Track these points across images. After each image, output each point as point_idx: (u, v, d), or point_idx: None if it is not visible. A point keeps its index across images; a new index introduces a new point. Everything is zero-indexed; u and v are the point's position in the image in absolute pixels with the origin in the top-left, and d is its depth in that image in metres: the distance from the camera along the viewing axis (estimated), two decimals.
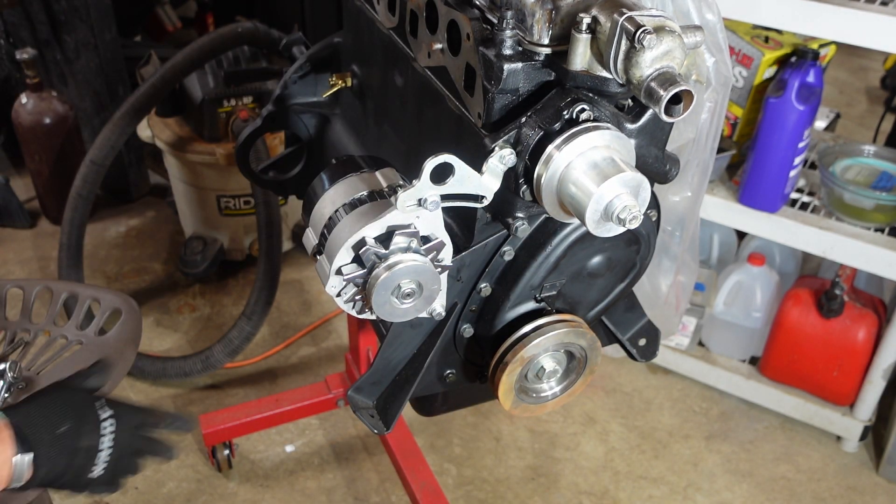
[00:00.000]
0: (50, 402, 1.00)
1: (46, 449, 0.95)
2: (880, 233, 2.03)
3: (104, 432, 1.01)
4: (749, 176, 2.07)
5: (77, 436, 0.98)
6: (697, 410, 2.42)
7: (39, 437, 0.95)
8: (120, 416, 1.04)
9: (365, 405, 1.11)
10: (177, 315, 2.69)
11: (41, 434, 0.95)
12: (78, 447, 0.98)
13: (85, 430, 1.00)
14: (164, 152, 2.67)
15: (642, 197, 0.87)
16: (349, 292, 0.96)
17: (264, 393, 2.42)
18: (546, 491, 2.17)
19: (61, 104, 2.84)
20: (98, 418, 1.01)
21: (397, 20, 1.15)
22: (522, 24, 0.92)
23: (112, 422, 1.02)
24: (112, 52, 2.85)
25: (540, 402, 1.12)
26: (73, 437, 0.98)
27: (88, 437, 1.00)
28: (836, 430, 2.30)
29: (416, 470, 1.96)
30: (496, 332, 1.07)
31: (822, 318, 2.20)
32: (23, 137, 2.89)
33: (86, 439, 0.99)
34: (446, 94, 1.05)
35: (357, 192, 0.98)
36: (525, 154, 0.91)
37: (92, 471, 1.01)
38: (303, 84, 1.48)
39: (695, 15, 1.35)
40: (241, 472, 2.19)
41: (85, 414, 1.01)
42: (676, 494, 2.18)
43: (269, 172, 1.59)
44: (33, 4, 2.81)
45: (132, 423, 1.05)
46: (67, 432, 0.97)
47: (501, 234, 1.01)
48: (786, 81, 1.94)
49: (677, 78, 0.83)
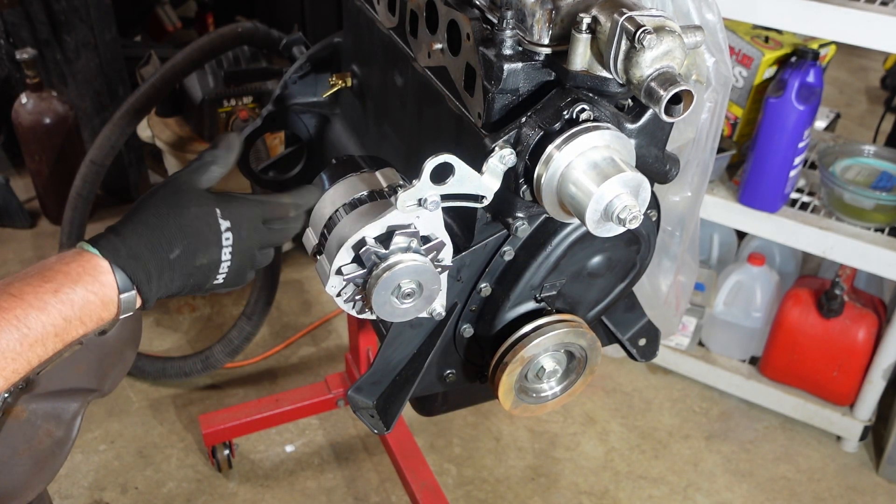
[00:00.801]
0: (155, 222, 0.87)
1: (156, 280, 0.87)
2: (880, 233, 2.03)
3: (224, 244, 0.91)
4: (749, 176, 2.07)
5: (192, 256, 0.89)
6: (697, 410, 2.42)
7: (146, 270, 0.86)
8: (239, 225, 0.92)
9: (365, 405, 1.11)
10: (177, 315, 2.69)
11: (148, 266, 0.86)
12: (195, 266, 0.90)
13: (200, 248, 0.89)
14: (164, 152, 2.68)
15: (642, 197, 0.87)
16: (349, 292, 0.96)
17: (264, 393, 2.42)
18: (546, 491, 2.17)
19: (61, 104, 2.84)
20: (219, 231, 0.90)
21: (397, 20, 1.15)
22: (522, 24, 0.92)
23: (230, 235, 0.91)
24: (112, 52, 2.85)
25: (540, 402, 1.12)
26: (187, 259, 0.88)
27: (206, 254, 0.90)
28: (836, 430, 2.30)
29: (416, 470, 1.96)
30: (496, 332, 1.07)
31: (822, 318, 2.20)
32: (23, 137, 2.89)
33: (203, 256, 0.90)
34: (446, 94, 1.05)
35: (357, 192, 0.98)
36: (525, 154, 0.91)
37: (215, 279, 0.93)
38: (303, 84, 1.48)
39: (695, 15, 1.35)
40: (241, 472, 2.18)
41: (200, 231, 0.89)
42: (676, 494, 2.18)
43: (269, 172, 1.59)
44: (33, 4, 2.81)
45: (253, 226, 0.94)
46: (179, 256, 0.88)
47: (501, 234, 1.01)
48: (786, 81, 1.94)
49: (677, 78, 0.83)
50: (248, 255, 0.95)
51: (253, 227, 0.94)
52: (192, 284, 0.91)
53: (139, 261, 0.86)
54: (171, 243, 0.87)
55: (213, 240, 0.90)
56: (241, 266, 0.94)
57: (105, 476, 2.16)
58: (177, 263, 0.88)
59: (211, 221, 0.90)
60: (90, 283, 0.83)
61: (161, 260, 0.87)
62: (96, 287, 0.83)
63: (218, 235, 0.91)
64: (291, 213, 0.99)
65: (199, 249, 0.89)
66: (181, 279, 0.89)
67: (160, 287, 0.88)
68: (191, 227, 0.89)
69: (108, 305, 0.85)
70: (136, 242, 0.86)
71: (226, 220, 0.91)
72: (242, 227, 0.93)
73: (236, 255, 0.93)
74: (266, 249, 0.98)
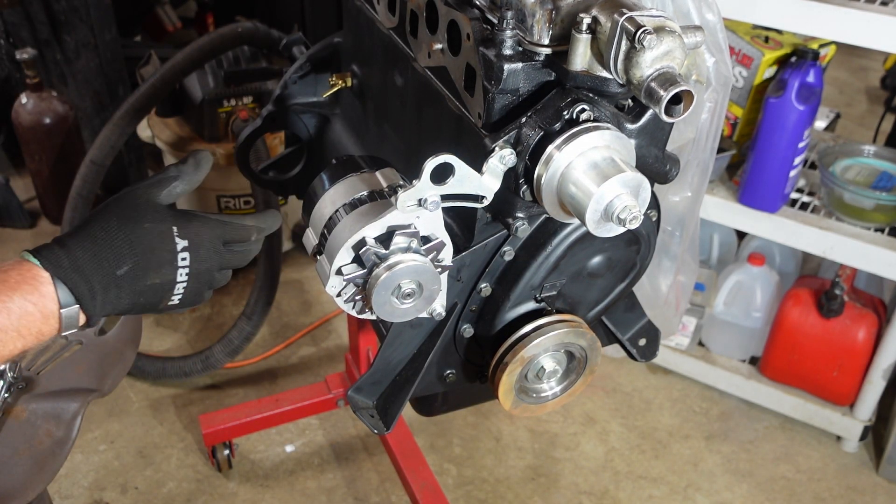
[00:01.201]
0: (103, 236, 0.83)
1: (101, 296, 0.82)
2: (880, 233, 2.03)
3: (180, 265, 0.86)
4: (749, 176, 2.07)
5: (143, 275, 0.84)
6: (697, 410, 2.42)
7: (89, 285, 0.81)
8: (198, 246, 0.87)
9: (365, 405, 1.11)
10: (177, 315, 2.69)
11: (91, 281, 0.81)
12: (145, 285, 0.84)
13: (153, 267, 0.84)
14: (164, 152, 2.68)
15: (642, 197, 0.87)
16: (349, 292, 0.96)
17: (264, 393, 2.42)
18: (546, 491, 2.17)
19: (61, 104, 2.84)
20: (174, 250, 0.86)
21: (397, 20, 1.15)
22: (522, 24, 0.92)
23: (186, 255, 0.86)
24: (112, 52, 2.84)
25: (540, 402, 1.12)
26: (136, 278, 0.83)
27: (159, 274, 0.85)
28: (836, 430, 2.30)
29: (416, 470, 1.96)
30: (496, 333, 1.07)
31: (822, 318, 2.20)
32: (23, 137, 2.89)
33: (155, 275, 0.85)
34: (446, 94, 1.05)
35: (357, 192, 0.98)
36: (525, 154, 0.91)
37: (171, 300, 0.88)
38: (303, 84, 1.47)
39: (695, 15, 1.35)
40: (241, 472, 2.18)
41: (153, 249, 0.84)
42: (676, 494, 2.18)
43: (269, 172, 1.59)
44: (33, 4, 2.81)
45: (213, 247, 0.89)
46: (128, 274, 0.83)
47: (501, 234, 1.01)
48: (786, 81, 1.94)
49: (677, 78, 0.83)
50: (206, 277, 0.90)
51: (213, 249, 0.90)
52: (143, 304, 0.86)
53: (82, 275, 0.81)
54: (119, 259, 0.83)
55: (168, 259, 0.86)
56: (198, 287, 0.90)
57: (105, 476, 2.16)
58: (124, 280, 0.83)
59: (166, 239, 0.86)
60: (29, 292, 0.79)
61: (107, 276, 0.82)
62: (35, 298, 0.79)
63: (173, 255, 0.86)
64: (253, 237, 0.95)
65: (150, 268, 0.85)
66: (130, 297, 0.85)
67: (105, 304, 0.83)
68: (142, 244, 0.84)
69: (49, 319, 0.81)
70: (80, 255, 0.82)
71: (183, 239, 0.87)
72: (201, 248, 0.88)
73: (193, 277, 0.88)
74: (225, 270, 0.94)
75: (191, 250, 0.87)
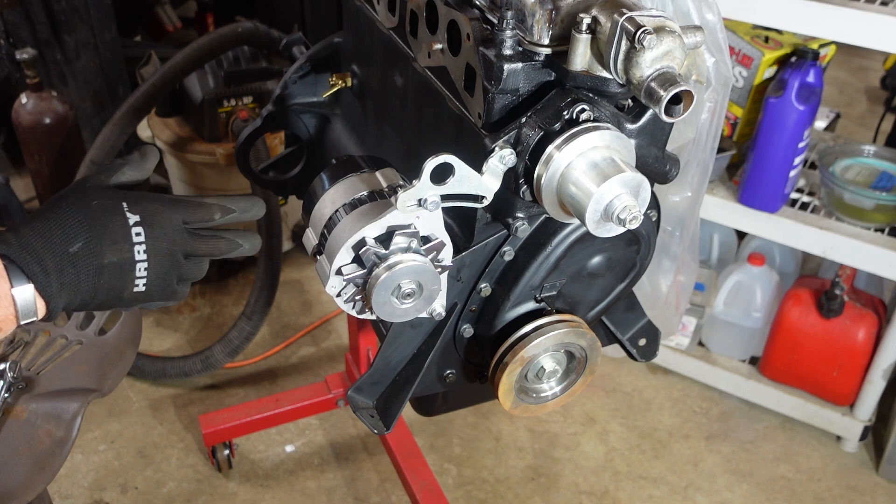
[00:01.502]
0: (54, 216, 0.81)
1: (55, 275, 0.79)
2: (880, 233, 2.03)
3: (135, 240, 0.83)
4: (749, 176, 2.07)
5: (97, 251, 0.81)
6: (697, 410, 2.42)
7: (41, 262, 0.78)
8: (152, 222, 0.85)
9: (365, 405, 1.11)
10: (177, 315, 2.69)
11: (43, 258, 0.78)
12: (103, 264, 0.81)
13: (107, 243, 0.81)
14: (164, 152, 2.68)
15: (642, 197, 0.87)
16: (349, 292, 0.96)
17: (264, 393, 2.42)
18: (546, 491, 2.17)
19: (61, 104, 2.84)
20: (126, 225, 0.83)
21: (397, 20, 1.15)
22: (522, 24, 0.92)
23: (140, 230, 0.83)
24: (112, 52, 2.85)
25: (540, 403, 1.12)
26: (90, 254, 0.81)
27: (114, 250, 0.82)
28: (836, 430, 2.30)
29: (416, 470, 1.97)
30: (496, 333, 1.07)
31: (822, 318, 2.20)
32: (23, 137, 2.89)
33: (111, 253, 0.82)
34: (446, 94, 1.05)
35: (357, 192, 0.98)
36: (525, 154, 0.91)
37: (135, 284, 0.84)
38: (303, 84, 1.47)
39: (695, 15, 1.35)
40: (241, 472, 2.19)
41: (105, 223, 0.82)
42: (676, 494, 2.18)
43: (269, 172, 1.59)
44: (33, 4, 2.81)
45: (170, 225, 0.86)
46: (81, 250, 0.80)
47: (501, 234, 1.01)
48: (786, 81, 1.94)
49: (677, 78, 0.83)
50: (170, 260, 0.86)
51: (170, 226, 0.86)
52: (106, 288, 0.83)
53: (32, 253, 0.78)
54: (69, 236, 0.80)
55: (121, 234, 0.83)
56: (162, 271, 0.86)
57: (105, 476, 2.16)
58: (79, 259, 0.80)
59: (116, 214, 0.83)
60: None
61: (59, 254, 0.79)
62: None
63: (126, 230, 0.83)
64: (217, 216, 0.91)
65: (104, 244, 0.81)
66: (89, 279, 0.81)
67: (63, 287, 0.80)
68: (94, 221, 0.81)
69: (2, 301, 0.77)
70: (29, 234, 0.79)
71: (134, 214, 0.84)
72: (156, 224, 0.85)
73: (153, 257, 0.84)
74: (196, 259, 0.90)
75: (144, 225, 0.84)
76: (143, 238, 0.84)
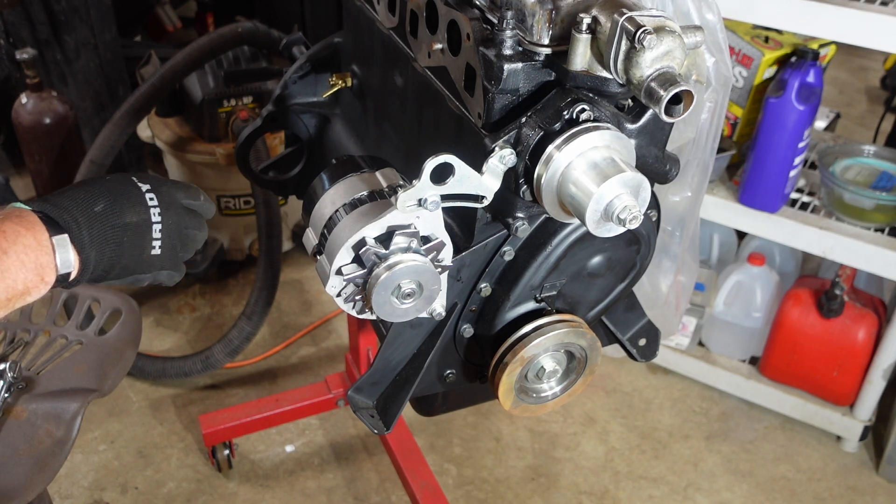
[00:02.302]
0: (76, 187, 0.90)
1: (86, 229, 0.87)
2: (880, 233, 2.03)
3: (150, 203, 0.93)
4: (749, 176, 2.07)
5: (119, 212, 0.90)
6: (697, 410, 2.42)
7: (73, 217, 0.86)
8: (159, 188, 0.95)
9: (365, 405, 1.11)
10: (177, 315, 2.69)
11: (75, 214, 0.87)
12: (125, 223, 0.90)
13: (127, 204, 0.91)
14: (164, 152, 2.68)
15: (642, 197, 0.87)
16: (349, 292, 0.96)
17: (264, 393, 2.42)
18: (546, 491, 2.17)
19: (61, 104, 2.84)
20: (141, 192, 0.93)
21: (397, 20, 1.15)
22: (522, 24, 0.92)
23: (153, 196, 0.94)
24: (112, 52, 2.85)
25: (540, 402, 1.12)
26: (114, 214, 0.90)
27: (134, 212, 0.91)
28: (836, 430, 2.30)
29: (416, 470, 1.97)
30: (496, 333, 1.07)
31: (822, 318, 2.20)
32: (23, 137, 2.89)
33: (131, 214, 0.91)
34: (446, 94, 1.05)
35: (357, 192, 0.98)
36: (525, 154, 0.91)
37: (152, 248, 0.93)
38: (303, 84, 1.48)
39: (695, 15, 1.35)
40: (241, 472, 2.19)
41: (123, 190, 0.92)
42: (676, 494, 2.18)
43: (269, 172, 1.59)
44: (33, 4, 2.81)
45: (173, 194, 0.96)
46: (105, 210, 0.89)
47: (501, 234, 1.01)
48: (786, 81, 1.94)
49: (677, 78, 0.83)
50: (177, 228, 0.96)
51: (173, 198, 0.96)
52: (129, 248, 0.91)
53: (63, 209, 0.86)
54: (93, 199, 0.89)
55: (137, 198, 0.92)
56: (173, 235, 0.95)
57: (105, 476, 2.16)
58: (104, 217, 0.89)
59: (130, 184, 0.94)
60: (17, 221, 0.83)
61: (86, 212, 0.88)
62: (25, 225, 0.83)
63: (141, 195, 0.93)
64: (201, 199, 1.01)
65: (125, 206, 0.91)
66: (115, 236, 0.89)
67: (92, 239, 0.88)
68: (113, 189, 0.91)
69: (43, 246, 0.83)
70: (58, 197, 0.88)
71: (145, 183, 0.94)
72: (164, 194, 0.95)
73: (165, 219, 0.94)
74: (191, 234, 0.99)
75: (154, 192, 0.94)
76: (156, 202, 0.94)
